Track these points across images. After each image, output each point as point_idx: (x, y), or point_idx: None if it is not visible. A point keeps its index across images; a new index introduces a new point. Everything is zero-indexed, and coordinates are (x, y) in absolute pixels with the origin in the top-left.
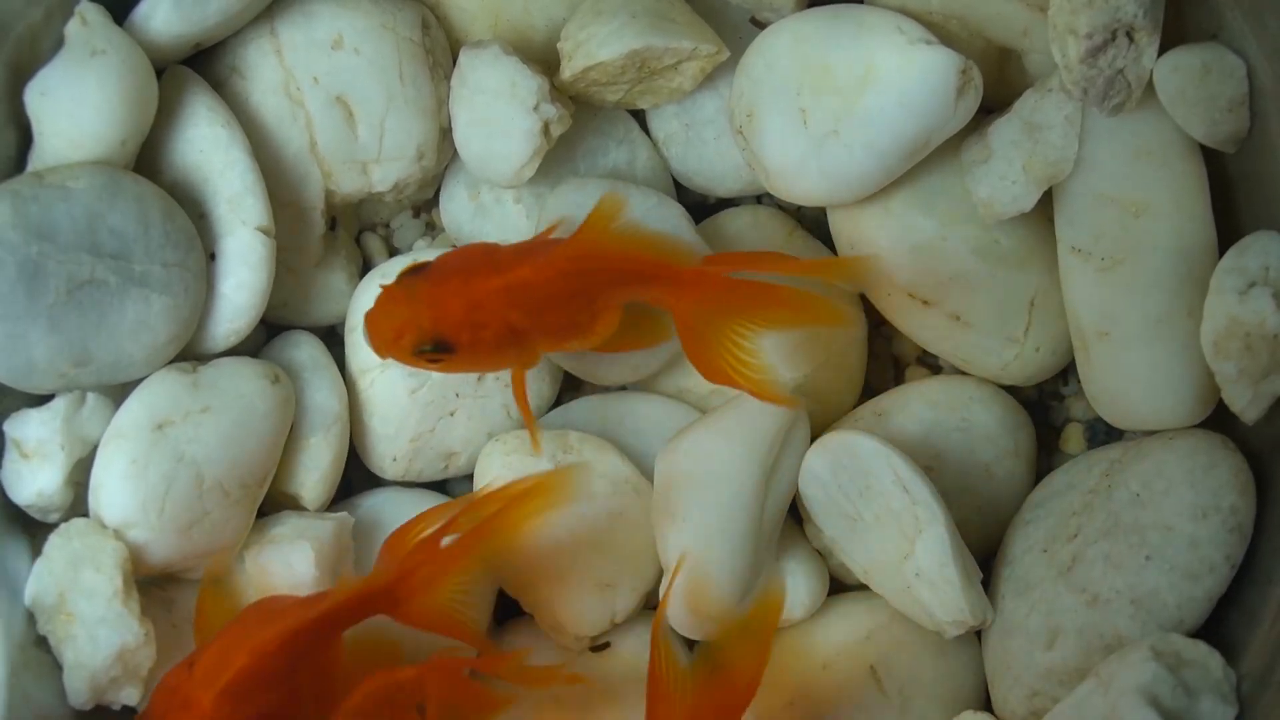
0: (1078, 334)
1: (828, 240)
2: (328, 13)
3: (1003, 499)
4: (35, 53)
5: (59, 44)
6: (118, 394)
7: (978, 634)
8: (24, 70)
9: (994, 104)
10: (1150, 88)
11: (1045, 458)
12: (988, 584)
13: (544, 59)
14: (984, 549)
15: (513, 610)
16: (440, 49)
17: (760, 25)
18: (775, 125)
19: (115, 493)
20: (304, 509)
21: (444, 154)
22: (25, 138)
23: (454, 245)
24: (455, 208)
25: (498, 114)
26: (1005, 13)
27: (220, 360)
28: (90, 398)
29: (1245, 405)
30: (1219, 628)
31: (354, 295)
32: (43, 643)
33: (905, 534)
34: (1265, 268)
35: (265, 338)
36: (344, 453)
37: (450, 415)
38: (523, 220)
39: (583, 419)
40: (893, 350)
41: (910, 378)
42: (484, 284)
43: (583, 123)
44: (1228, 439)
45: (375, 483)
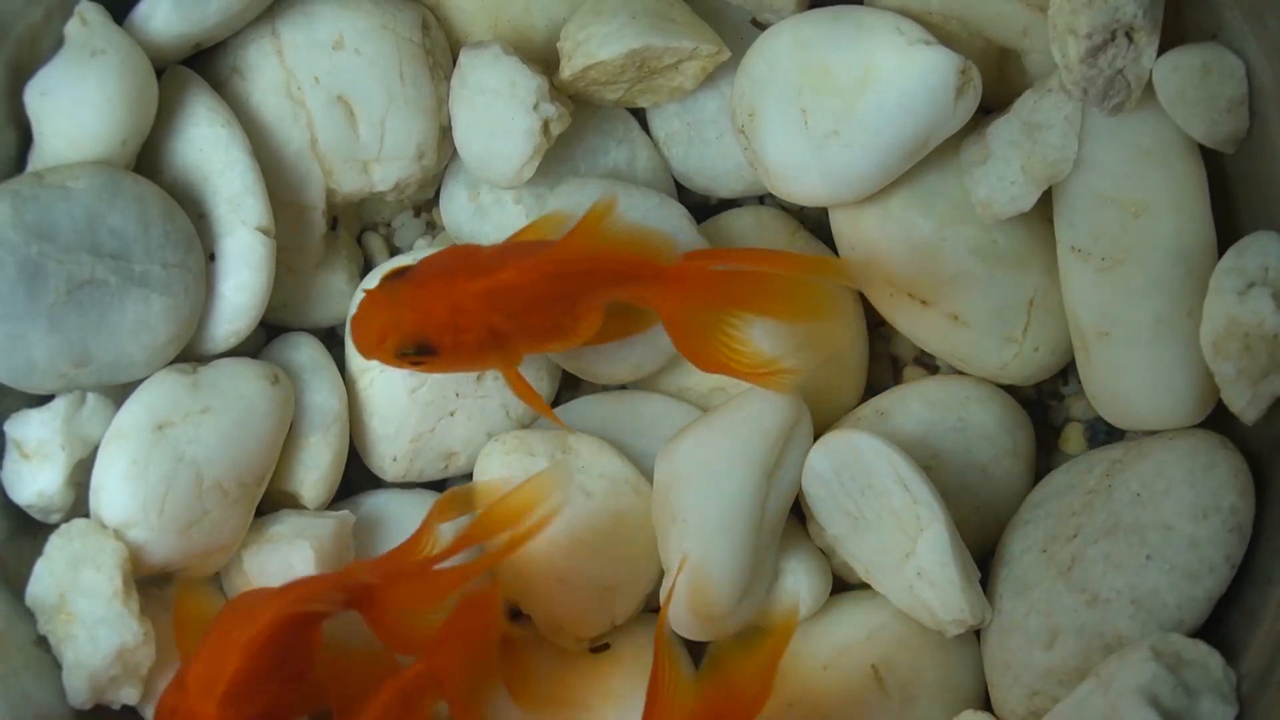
0: (1077, 334)
1: (829, 241)
2: (329, 13)
3: (1001, 498)
4: (35, 53)
5: (59, 44)
6: (118, 394)
7: (977, 634)
8: (24, 70)
9: (993, 104)
10: (1150, 88)
11: (1045, 457)
12: (986, 584)
13: (544, 59)
14: (982, 548)
15: (513, 611)
16: (440, 49)
17: (761, 26)
18: (776, 126)
19: (115, 493)
20: (303, 508)
21: (444, 154)
22: (25, 138)
23: (454, 245)
24: (455, 207)
25: (498, 114)
26: (1005, 13)
27: (220, 361)
28: (90, 398)
29: (1244, 405)
30: (1219, 628)
31: (355, 295)
32: (43, 642)
33: (907, 533)
34: (1264, 268)
35: (265, 339)
36: (344, 452)
37: (450, 415)
38: (522, 220)
39: (582, 419)
40: (892, 350)
41: (908, 377)
42: (465, 287)
43: (583, 122)
44: (1227, 439)
45: (376, 483)
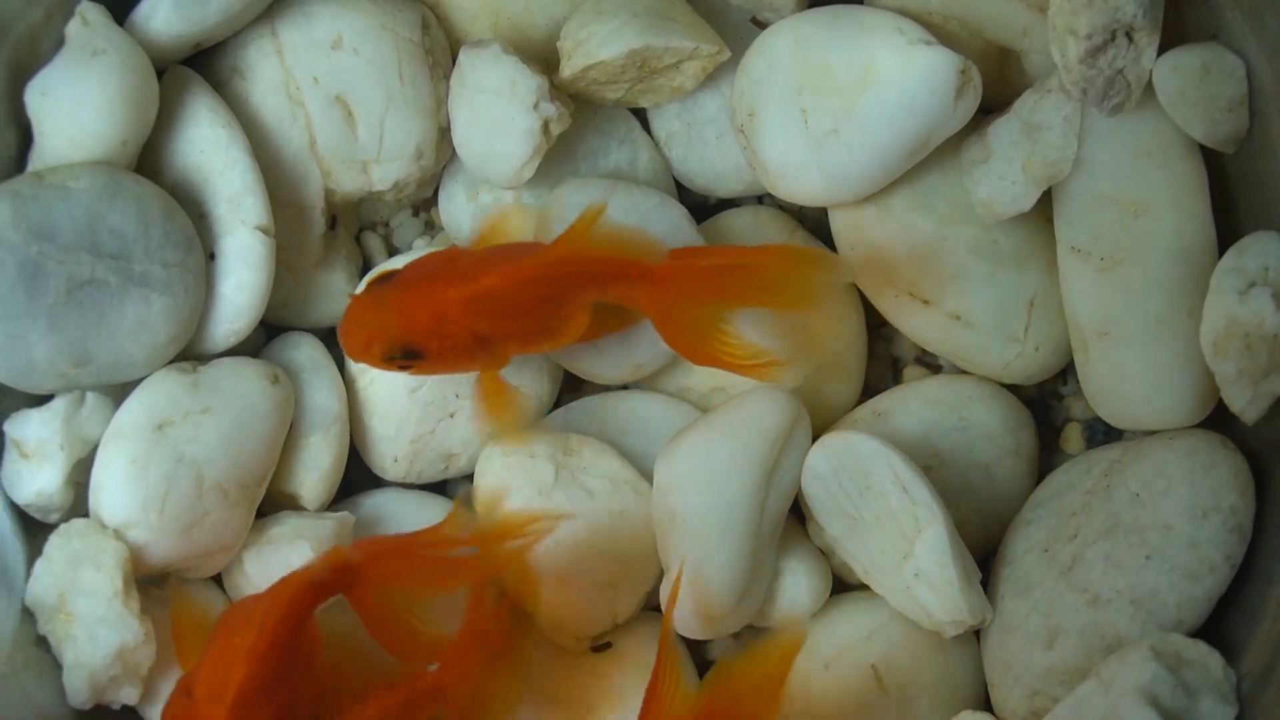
0: (1077, 334)
1: (829, 241)
2: (327, 13)
3: (1003, 499)
4: (36, 53)
5: (59, 44)
6: (118, 394)
7: (977, 634)
8: (24, 70)
9: (993, 104)
10: (1150, 88)
11: (1045, 457)
12: (987, 584)
13: (544, 58)
14: (983, 548)
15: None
16: (440, 49)
17: (761, 25)
18: (776, 125)
19: (115, 493)
20: (303, 509)
21: (443, 153)
22: (25, 138)
23: (454, 245)
24: (454, 207)
25: (497, 113)
26: (1005, 13)
27: (220, 360)
28: (90, 398)
29: (1245, 405)
30: (1219, 628)
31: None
32: (43, 642)
33: (905, 534)
34: (1265, 268)
35: (265, 339)
36: (344, 453)
37: (450, 417)
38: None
39: (583, 420)
40: (892, 350)
41: (909, 377)
42: (449, 293)
43: (583, 122)
44: (1227, 439)
45: (376, 483)
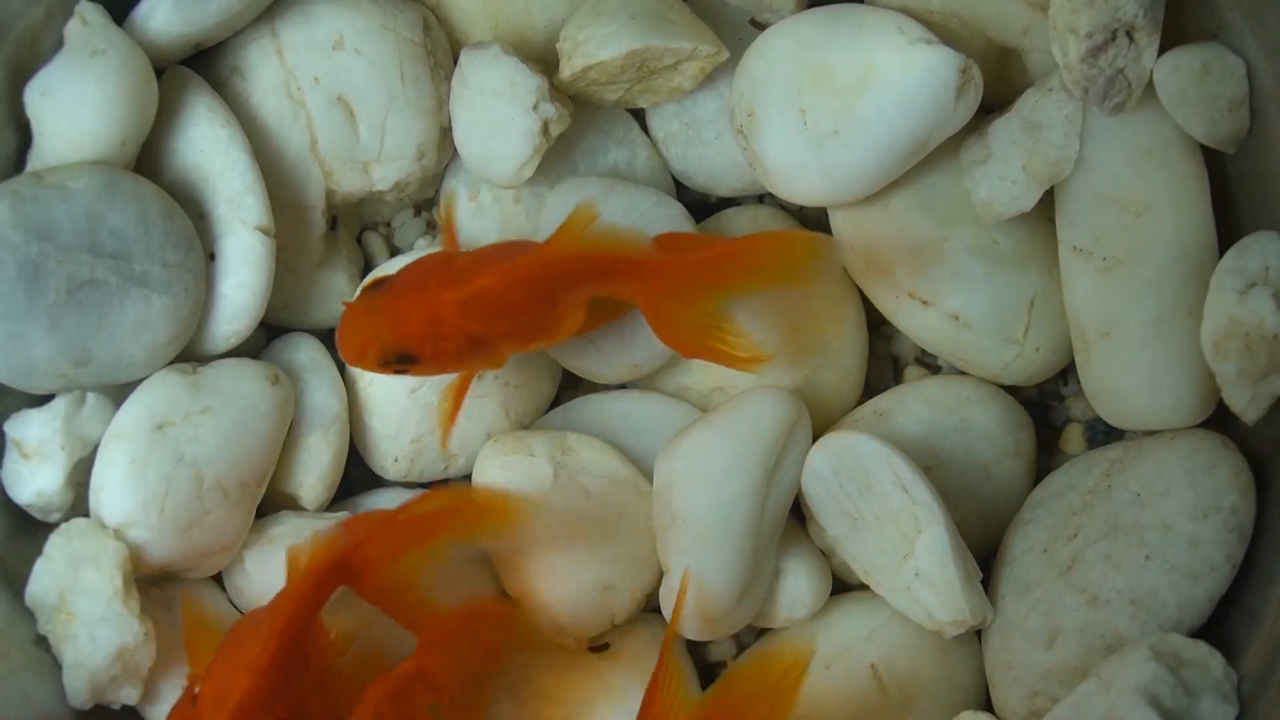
0: (1078, 334)
1: None
2: (328, 13)
3: (1002, 499)
4: (35, 53)
5: (59, 44)
6: (118, 394)
7: (978, 634)
8: (24, 70)
9: (994, 104)
10: (1150, 87)
11: (1045, 458)
12: (987, 584)
13: (544, 59)
14: (983, 549)
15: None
16: (441, 49)
17: (760, 26)
18: (776, 125)
19: (115, 493)
20: (303, 509)
21: (444, 154)
22: (25, 138)
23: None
24: (455, 207)
25: (498, 114)
26: (1005, 12)
27: (220, 361)
28: (90, 398)
29: (1245, 405)
30: (1219, 628)
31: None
32: (42, 642)
33: (905, 534)
34: (1265, 268)
35: (265, 339)
36: (343, 453)
37: None
38: (523, 220)
39: (582, 419)
40: (892, 350)
41: (909, 378)
42: (442, 297)
43: (583, 122)
44: (1228, 439)
45: (376, 482)
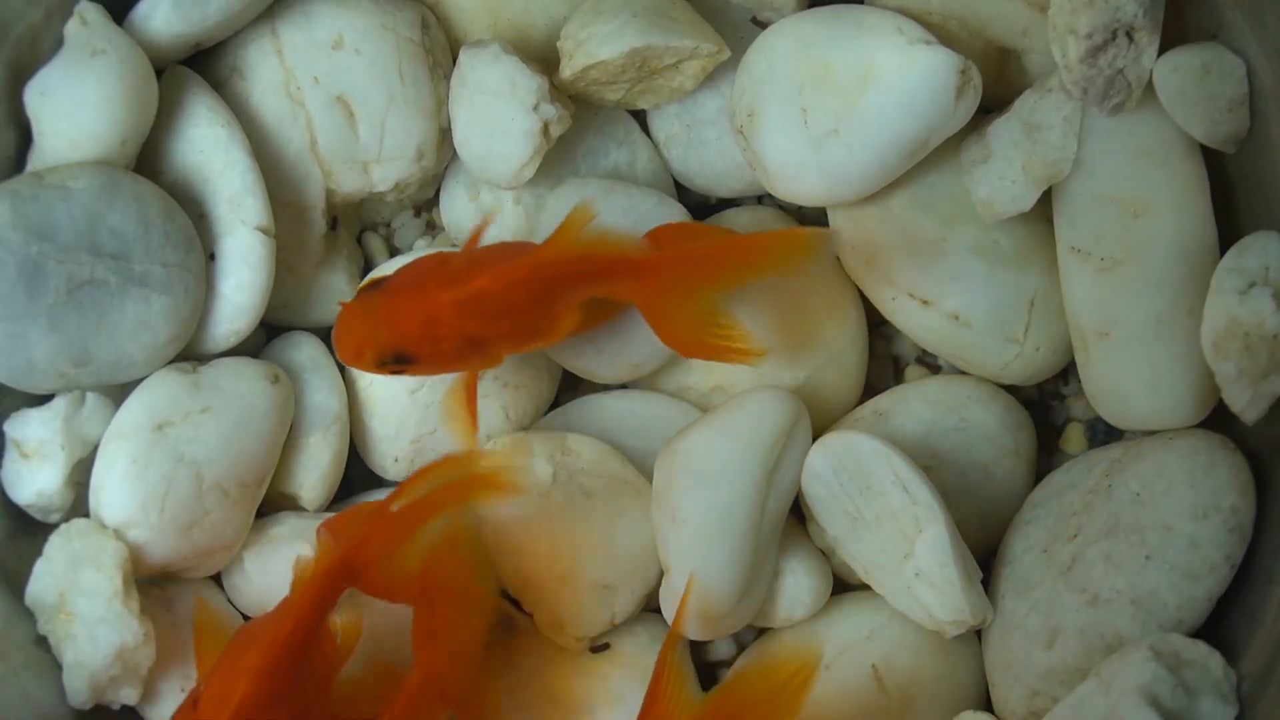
0: (1078, 334)
1: None
2: (328, 13)
3: (1002, 499)
4: (35, 53)
5: (59, 44)
6: (118, 394)
7: (978, 634)
8: (24, 70)
9: (993, 104)
10: (1150, 88)
11: (1046, 458)
12: (987, 584)
13: (544, 58)
14: (983, 548)
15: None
16: (440, 49)
17: (761, 25)
18: (776, 125)
19: (115, 493)
20: (303, 509)
21: (444, 154)
22: (25, 138)
23: (454, 244)
24: (455, 207)
25: (497, 114)
26: (1005, 12)
27: (220, 360)
28: (90, 398)
29: (1245, 405)
30: (1219, 628)
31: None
32: (43, 642)
33: (905, 534)
34: (1265, 268)
35: (265, 339)
36: (344, 453)
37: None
38: (523, 220)
39: (582, 419)
40: (892, 350)
41: (909, 377)
42: (438, 297)
43: (583, 123)
44: (1227, 439)
45: (376, 483)
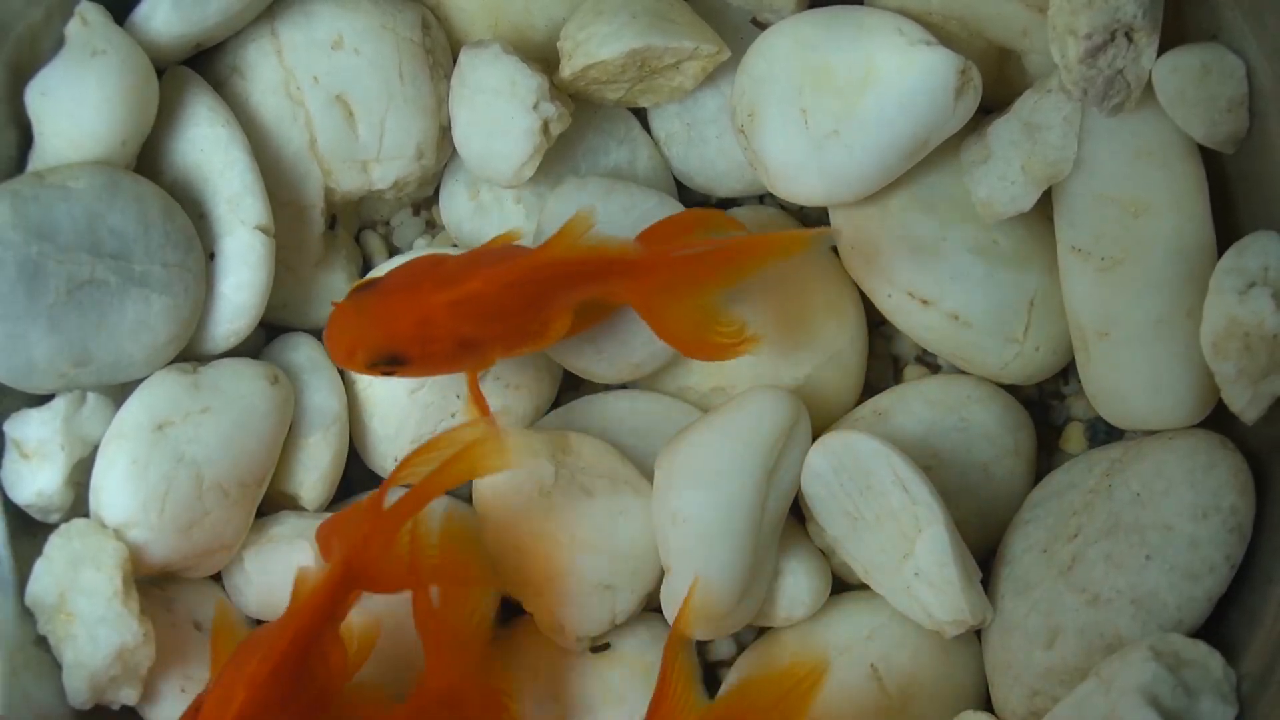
0: (1078, 334)
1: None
2: (328, 13)
3: (1002, 498)
4: (35, 53)
5: (59, 44)
6: (118, 394)
7: (978, 634)
8: (24, 70)
9: (993, 104)
10: (1150, 88)
11: (1046, 457)
12: (987, 583)
13: (544, 58)
14: (983, 548)
15: (513, 610)
16: (440, 49)
17: (761, 26)
18: (776, 125)
19: (115, 493)
20: (303, 509)
21: (444, 152)
22: (25, 138)
23: (454, 243)
24: (455, 206)
25: (497, 113)
26: (1005, 13)
27: (220, 361)
28: (90, 398)
29: (1244, 405)
30: (1219, 628)
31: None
32: (43, 642)
33: (905, 534)
34: (1265, 268)
35: (265, 339)
36: (343, 453)
37: (451, 417)
38: (522, 219)
39: (583, 419)
40: (892, 350)
41: (909, 377)
42: (431, 299)
43: (584, 122)
44: (1227, 439)
45: (376, 482)
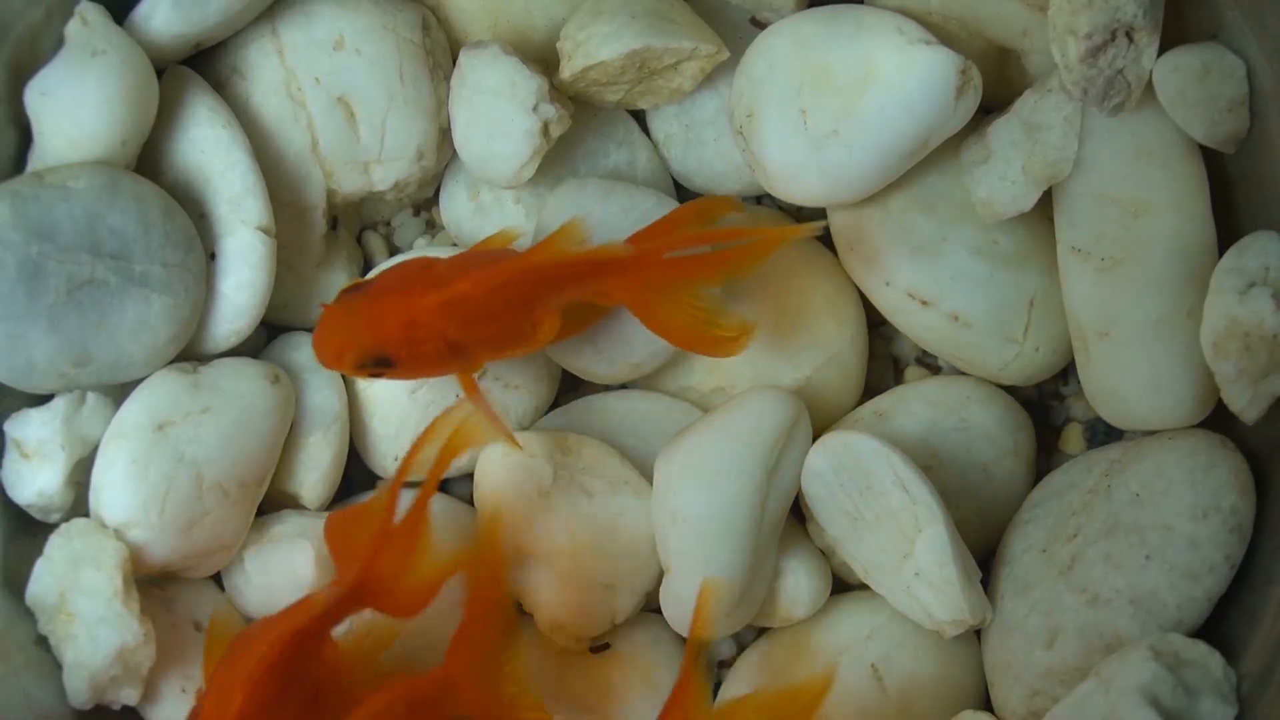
0: (1077, 334)
1: (828, 240)
2: (328, 13)
3: (1002, 499)
4: (35, 53)
5: (59, 44)
6: (118, 394)
7: (978, 634)
8: (24, 70)
9: (993, 104)
10: (1150, 88)
11: (1045, 458)
12: (987, 583)
13: (544, 59)
14: (983, 548)
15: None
16: (440, 49)
17: (760, 25)
18: (775, 126)
19: (116, 493)
20: (304, 508)
21: (444, 153)
22: (25, 138)
23: (454, 244)
24: (455, 207)
25: (497, 114)
26: (1005, 13)
27: (221, 361)
28: (90, 398)
29: (1244, 405)
30: (1219, 628)
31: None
32: (43, 642)
33: (905, 534)
34: (1265, 268)
35: (266, 339)
36: (344, 452)
37: None
38: (522, 220)
39: (582, 419)
40: (892, 350)
41: (909, 378)
42: (419, 301)
43: (583, 123)
44: (1227, 439)
45: (376, 482)
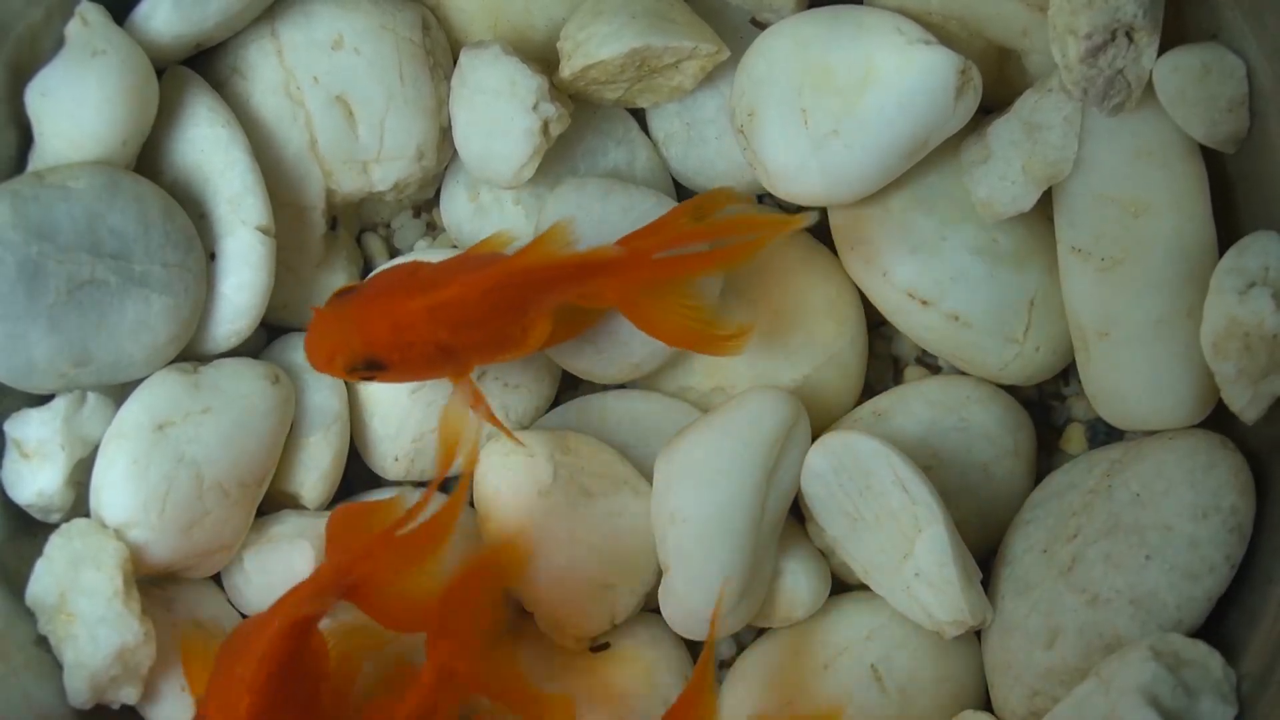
0: (1078, 334)
1: (828, 240)
2: (328, 13)
3: (1002, 499)
4: (36, 53)
5: (59, 44)
6: (118, 394)
7: (978, 634)
8: (24, 70)
9: (993, 104)
10: (1150, 88)
11: (1046, 458)
12: (987, 584)
13: (544, 58)
14: (983, 549)
15: (514, 610)
16: (440, 49)
17: (760, 26)
18: (776, 125)
19: (116, 493)
20: (304, 508)
21: (444, 154)
22: (25, 138)
23: (454, 245)
24: (455, 207)
25: (497, 113)
26: (1005, 13)
27: (221, 361)
28: (91, 398)
29: (1245, 405)
30: (1219, 628)
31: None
32: (43, 642)
33: (905, 534)
34: (1265, 268)
35: (266, 339)
36: (344, 452)
37: None
38: (522, 220)
39: (582, 419)
40: (892, 350)
41: (909, 377)
42: (409, 304)
43: (583, 122)
44: (1227, 439)
45: (376, 482)
